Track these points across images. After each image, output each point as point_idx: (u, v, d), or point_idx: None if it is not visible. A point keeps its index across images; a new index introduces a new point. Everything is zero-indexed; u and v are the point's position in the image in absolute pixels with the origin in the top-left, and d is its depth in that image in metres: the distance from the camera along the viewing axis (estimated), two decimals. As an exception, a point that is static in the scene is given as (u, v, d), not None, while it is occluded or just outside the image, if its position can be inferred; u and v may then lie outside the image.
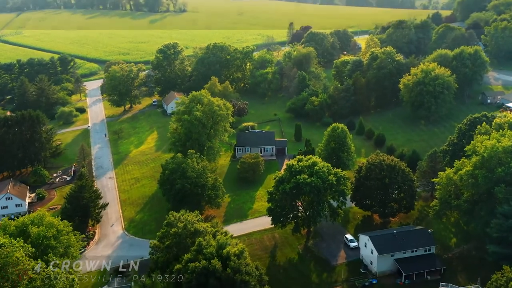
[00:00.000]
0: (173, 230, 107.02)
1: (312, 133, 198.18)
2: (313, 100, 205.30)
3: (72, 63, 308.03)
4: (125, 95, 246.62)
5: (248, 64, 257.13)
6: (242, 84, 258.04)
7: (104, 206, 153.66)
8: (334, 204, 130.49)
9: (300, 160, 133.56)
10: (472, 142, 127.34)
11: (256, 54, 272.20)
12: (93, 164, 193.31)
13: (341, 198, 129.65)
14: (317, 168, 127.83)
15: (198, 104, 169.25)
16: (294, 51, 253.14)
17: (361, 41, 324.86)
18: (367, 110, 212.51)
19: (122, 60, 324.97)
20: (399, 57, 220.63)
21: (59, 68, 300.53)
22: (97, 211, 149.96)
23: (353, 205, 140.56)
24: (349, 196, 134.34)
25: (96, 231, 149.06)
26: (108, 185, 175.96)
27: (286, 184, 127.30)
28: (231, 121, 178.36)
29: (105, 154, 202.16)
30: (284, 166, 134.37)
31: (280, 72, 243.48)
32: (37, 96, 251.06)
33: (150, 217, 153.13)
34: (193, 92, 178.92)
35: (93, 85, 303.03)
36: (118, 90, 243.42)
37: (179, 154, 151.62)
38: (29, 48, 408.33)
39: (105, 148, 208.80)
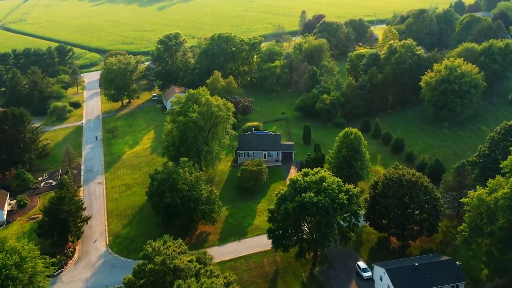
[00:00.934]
0: (149, 266, 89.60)
1: (322, 135, 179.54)
2: (324, 98, 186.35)
3: (70, 53, 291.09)
4: (122, 89, 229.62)
5: (255, 56, 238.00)
6: (249, 78, 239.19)
7: (86, 219, 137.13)
8: (345, 225, 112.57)
9: (305, 174, 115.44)
10: (509, 157, 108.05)
11: (264, 46, 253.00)
12: (82, 167, 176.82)
13: (353, 220, 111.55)
14: (326, 184, 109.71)
15: (195, 105, 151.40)
16: (305, 42, 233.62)
17: (378, 31, 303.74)
18: (384, 110, 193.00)
19: (124, 50, 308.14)
20: (420, 50, 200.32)
21: (57, 59, 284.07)
22: (78, 225, 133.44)
23: (367, 224, 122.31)
24: (362, 213, 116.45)
25: (77, 247, 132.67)
26: (96, 192, 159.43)
27: (289, 203, 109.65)
28: (232, 122, 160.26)
29: (97, 155, 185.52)
30: (288, 181, 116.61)
31: (290, 66, 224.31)
32: (29, 89, 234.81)
33: (137, 232, 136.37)
34: (190, 90, 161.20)
35: (92, 77, 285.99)
36: (115, 84, 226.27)
37: (170, 163, 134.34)
38: (31, 36, 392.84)
39: (98, 148, 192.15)
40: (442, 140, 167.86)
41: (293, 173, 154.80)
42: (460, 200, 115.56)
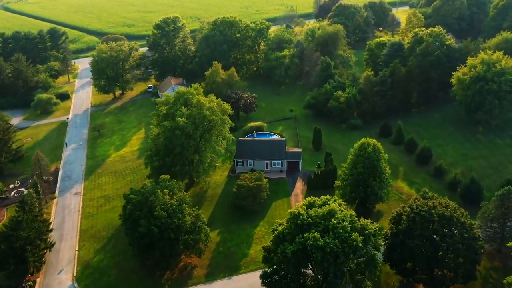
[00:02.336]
0: None
1: (335, 139, 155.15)
2: (338, 95, 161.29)
3: (63, 37, 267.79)
4: (114, 80, 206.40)
5: (262, 44, 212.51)
6: (255, 68, 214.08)
7: (50, 246, 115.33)
8: (359, 271, 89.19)
9: (310, 206, 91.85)
10: None
11: (272, 31, 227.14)
12: (60, 172, 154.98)
13: (371, 267, 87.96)
14: (335, 221, 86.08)
15: (183, 107, 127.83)
16: (318, 29, 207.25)
17: (401, 14, 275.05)
18: (407, 109, 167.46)
19: (123, 34, 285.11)
20: (451, 40, 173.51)
21: (49, 43, 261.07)
22: (40, 253, 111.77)
23: (387, 264, 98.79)
24: (381, 254, 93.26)
25: (38, 279, 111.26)
26: (71, 205, 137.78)
27: (288, 244, 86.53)
28: (230, 126, 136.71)
29: (79, 158, 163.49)
30: (292, 199, 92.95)
31: (300, 56, 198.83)
32: (13, 78, 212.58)
33: (111, 262, 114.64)
34: (181, 88, 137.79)
35: (87, 63, 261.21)
36: (106, 74, 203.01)
37: (148, 182, 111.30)
38: (30, 17, 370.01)
39: (81, 149, 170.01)
40: (477, 149, 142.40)
41: (299, 188, 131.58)
42: (508, 244, 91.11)
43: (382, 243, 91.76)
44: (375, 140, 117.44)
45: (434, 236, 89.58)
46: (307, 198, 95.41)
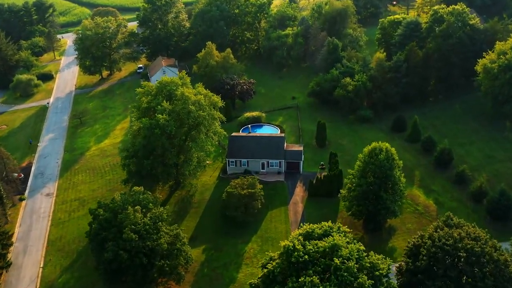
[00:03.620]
0: None
1: (341, 133, 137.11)
2: (346, 82, 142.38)
3: (51, 10, 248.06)
4: (100, 60, 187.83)
5: (262, 21, 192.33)
6: (256, 47, 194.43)
7: (6, 267, 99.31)
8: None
9: (308, 237, 74.69)
10: None
11: (275, 6, 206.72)
12: (33, 168, 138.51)
13: (381, 317, 71.13)
14: (338, 261, 68.84)
15: (164, 101, 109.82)
16: (325, 4, 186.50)
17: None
18: (424, 99, 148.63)
19: (115, 5, 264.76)
20: (475, 19, 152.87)
21: (35, 17, 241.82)
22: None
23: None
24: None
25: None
26: (40, 210, 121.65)
27: (280, 288, 69.64)
28: (220, 120, 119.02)
29: (55, 151, 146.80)
30: (290, 210, 75.34)
31: (305, 35, 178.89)
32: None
33: (77, 284, 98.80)
34: (164, 78, 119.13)
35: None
36: (91, 53, 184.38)
37: (118, 196, 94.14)
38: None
39: (59, 140, 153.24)
40: (504, 149, 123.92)
41: (299, 194, 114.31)
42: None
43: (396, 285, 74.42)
44: (387, 144, 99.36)
45: (461, 277, 72.20)
46: (304, 225, 77.96)
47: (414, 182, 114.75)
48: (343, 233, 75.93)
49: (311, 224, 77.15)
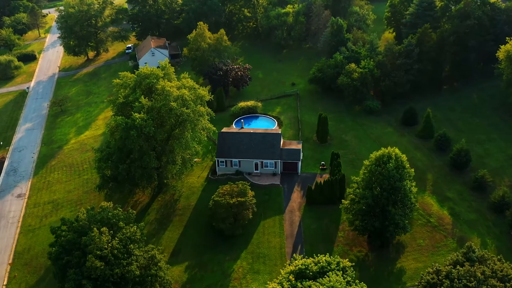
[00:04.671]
0: None
1: (345, 127, 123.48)
2: (351, 69, 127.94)
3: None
4: (85, 39, 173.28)
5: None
6: (254, 25, 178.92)
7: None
8: None
9: (301, 274, 62.14)
10: None
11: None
12: (6, 163, 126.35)
13: None
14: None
15: (142, 97, 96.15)
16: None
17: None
18: (437, 86, 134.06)
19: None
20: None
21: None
22: None
23: None
24: None
25: None
26: (9, 214, 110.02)
27: None
28: (209, 117, 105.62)
29: (31, 144, 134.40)
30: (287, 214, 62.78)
31: (307, 12, 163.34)
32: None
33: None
34: (143, 68, 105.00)
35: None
36: (75, 32, 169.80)
37: (82, 214, 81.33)
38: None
39: (37, 130, 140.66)
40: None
41: (296, 200, 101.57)
42: None
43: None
44: (397, 149, 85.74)
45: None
46: (296, 260, 65.16)
47: (426, 188, 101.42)
48: (343, 269, 63.05)
49: (305, 259, 64.36)
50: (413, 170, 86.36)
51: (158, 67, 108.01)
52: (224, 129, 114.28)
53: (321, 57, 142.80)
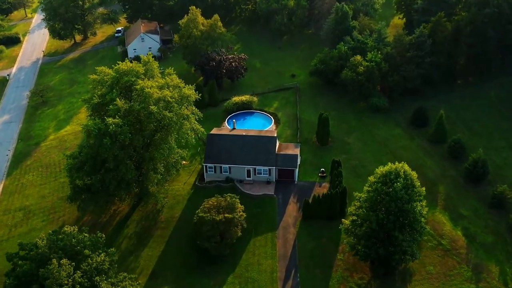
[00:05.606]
0: None
1: (348, 127, 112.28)
2: (356, 62, 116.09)
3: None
4: (71, 22, 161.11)
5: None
6: (253, 7, 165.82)
7: None
8: None
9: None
10: None
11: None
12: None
13: None
14: None
15: (118, 98, 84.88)
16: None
17: None
18: (451, 82, 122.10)
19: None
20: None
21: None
22: None
23: None
24: None
25: None
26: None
27: None
28: (197, 117, 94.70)
29: (7, 139, 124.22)
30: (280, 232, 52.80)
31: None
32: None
33: None
34: (121, 63, 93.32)
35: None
36: (60, 15, 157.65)
37: (42, 240, 70.94)
38: None
39: (14, 124, 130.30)
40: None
41: (291, 214, 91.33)
42: None
43: None
44: (407, 166, 74.48)
45: None
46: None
47: (437, 202, 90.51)
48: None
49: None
50: (424, 189, 75.24)
51: (146, 54, 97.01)
52: (214, 130, 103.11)
53: (324, 47, 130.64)
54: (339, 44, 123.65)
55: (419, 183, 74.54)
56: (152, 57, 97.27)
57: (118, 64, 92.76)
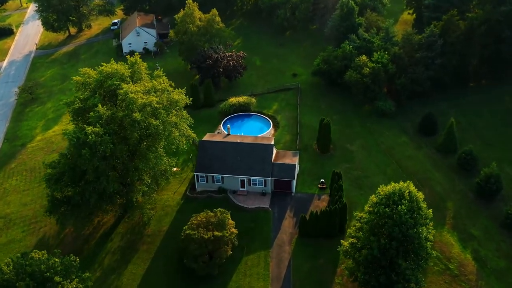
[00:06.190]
0: None
1: (352, 133, 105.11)
2: (361, 63, 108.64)
3: None
4: (65, 14, 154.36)
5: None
6: (255, 0, 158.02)
7: None
8: None
9: None
10: None
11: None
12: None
13: None
14: None
15: (100, 105, 78.14)
16: None
17: None
18: (463, 85, 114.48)
19: None
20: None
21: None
22: None
23: None
24: None
25: None
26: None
27: None
28: (188, 123, 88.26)
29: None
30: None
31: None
32: None
33: None
34: (105, 64, 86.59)
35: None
36: (53, 6, 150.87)
37: (7, 266, 64.70)
38: None
39: (1, 122, 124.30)
40: None
41: (287, 230, 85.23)
42: None
43: None
44: (413, 186, 67.45)
45: None
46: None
47: (445, 221, 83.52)
48: None
49: None
50: (431, 211, 68.16)
51: (141, 51, 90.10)
52: (207, 136, 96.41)
53: (328, 45, 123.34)
54: (343, 44, 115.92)
55: (425, 205, 67.45)
56: (150, 51, 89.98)
57: (103, 65, 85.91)
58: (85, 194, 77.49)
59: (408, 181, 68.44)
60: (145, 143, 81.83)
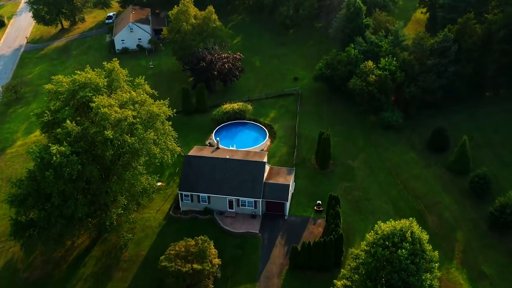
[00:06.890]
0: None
1: (354, 147, 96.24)
2: (367, 69, 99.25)
3: None
4: (57, 6, 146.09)
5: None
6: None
7: None
8: None
9: None
10: None
11: None
12: None
13: None
14: None
15: (68, 121, 69.91)
16: None
17: None
18: (479, 96, 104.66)
19: None
20: None
21: None
22: None
23: None
24: None
25: None
26: None
27: None
28: (173, 136, 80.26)
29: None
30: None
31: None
32: None
33: None
34: (79, 72, 78.22)
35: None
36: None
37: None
38: None
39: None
40: None
41: (277, 261, 76.95)
42: None
43: None
44: (415, 224, 58.76)
45: None
46: None
47: (454, 255, 74.58)
48: None
49: None
50: (436, 253, 59.33)
51: (134, 49, 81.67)
52: (194, 150, 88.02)
53: (333, 47, 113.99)
54: (348, 47, 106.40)
55: (430, 247, 58.68)
56: (144, 48, 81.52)
57: (77, 73, 77.62)
58: (50, 219, 69.56)
59: (411, 219, 59.80)
60: (120, 162, 73.64)
